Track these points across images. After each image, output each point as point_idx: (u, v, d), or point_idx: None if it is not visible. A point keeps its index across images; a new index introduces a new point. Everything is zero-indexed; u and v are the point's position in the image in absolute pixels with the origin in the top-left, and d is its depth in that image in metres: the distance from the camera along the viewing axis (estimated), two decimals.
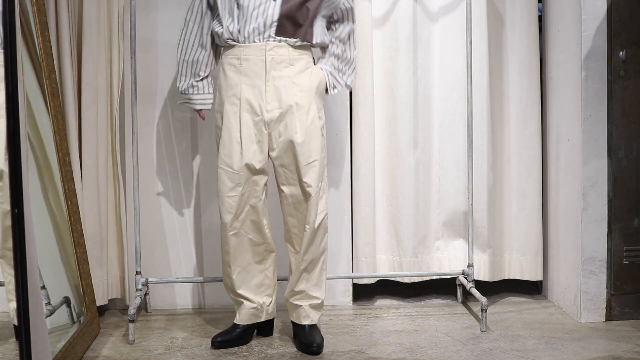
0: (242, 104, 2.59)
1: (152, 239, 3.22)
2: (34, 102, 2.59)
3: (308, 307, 2.72)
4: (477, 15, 3.21)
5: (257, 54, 2.57)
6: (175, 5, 3.16)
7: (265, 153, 2.62)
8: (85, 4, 2.92)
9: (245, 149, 2.59)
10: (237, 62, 2.60)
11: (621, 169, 2.96)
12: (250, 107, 2.59)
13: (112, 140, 3.04)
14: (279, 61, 2.58)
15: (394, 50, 3.25)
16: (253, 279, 2.73)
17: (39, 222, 2.51)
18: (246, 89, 2.59)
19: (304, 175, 2.60)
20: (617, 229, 2.97)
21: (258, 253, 2.72)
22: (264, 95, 2.57)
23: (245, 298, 2.73)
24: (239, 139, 2.60)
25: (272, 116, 2.58)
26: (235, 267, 2.69)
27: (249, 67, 2.58)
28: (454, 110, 3.29)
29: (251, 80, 2.58)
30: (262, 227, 2.69)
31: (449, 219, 3.35)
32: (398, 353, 2.66)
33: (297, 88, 2.59)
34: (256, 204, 2.66)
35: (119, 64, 3.01)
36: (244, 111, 2.59)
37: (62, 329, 2.61)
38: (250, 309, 2.74)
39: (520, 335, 2.85)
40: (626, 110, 2.94)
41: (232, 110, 2.61)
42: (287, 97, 2.57)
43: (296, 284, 2.70)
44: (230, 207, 2.63)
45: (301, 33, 2.58)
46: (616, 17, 2.91)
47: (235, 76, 2.60)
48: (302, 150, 2.58)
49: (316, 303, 2.73)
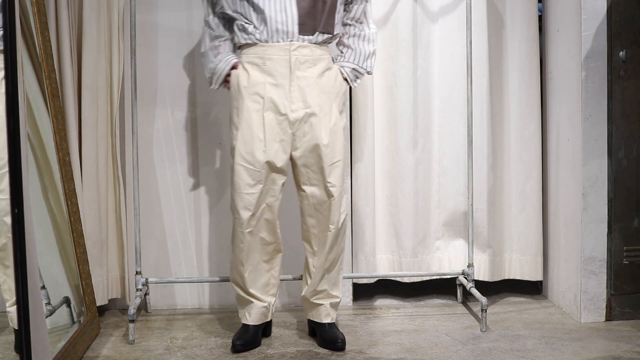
0: (266, 103, 2.59)
1: (152, 239, 3.22)
2: (34, 102, 2.59)
3: (329, 306, 2.75)
4: (477, 15, 3.21)
5: (281, 54, 2.57)
6: (175, 5, 3.16)
7: (287, 153, 2.62)
8: (85, 4, 2.92)
9: (268, 147, 2.59)
10: (259, 61, 2.59)
11: (621, 169, 2.96)
12: (275, 106, 2.58)
13: (112, 140, 3.04)
14: (303, 61, 2.58)
15: (394, 50, 3.25)
16: (261, 278, 2.73)
17: (39, 222, 2.52)
18: (270, 89, 2.58)
19: (329, 176, 2.62)
20: (617, 229, 2.97)
21: (267, 252, 2.72)
22: (288, 95, 2.58)
23: (256, 297, 2.73)
24: (262, 137, 2.59)
25: (297, 116, 2.58)
26: (247, 266, 2.69)
27: (273, 66, 2.58)
28: (454, 110, 3.29)
29: (275, 80, 2.58)
30: (275, 227, 2.70)
31: (449, 219, 3.34)
32: (398, 353, 2.66)
33: (320, 89, 2.60)
34: (272, 203, 2.66)
35: (119, 64, 3.01)
36: (268, 110, 2.59)
37: (62, 329, 2.61)
38: (261, 308, 2.73)
39: (520, 335, 2.85)
40: (626, 110, 2.94)
41: (254, 107, 2.60)
42: (311, 98, 2.59)
43: (319, 284, 2.72)
44: (249, 204, 2.62)
45: (320, 25, 2.59)
46: (616, 17, 2.91)
47: (258, 75, 2.60)
48: (327, 151, 2.60)
49: (336, 302, 2.77)
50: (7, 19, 1.66)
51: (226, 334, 2.89)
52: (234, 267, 2.74)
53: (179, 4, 3.17)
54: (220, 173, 3.24)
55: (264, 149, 2.59)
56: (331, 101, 2.63)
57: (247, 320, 2.74)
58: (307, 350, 2.69)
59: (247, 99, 2.61)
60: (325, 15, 2.60)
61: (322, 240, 2.69)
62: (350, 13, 2.73)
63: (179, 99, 3.21)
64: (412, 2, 3.24)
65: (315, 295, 2.74)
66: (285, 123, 2.59)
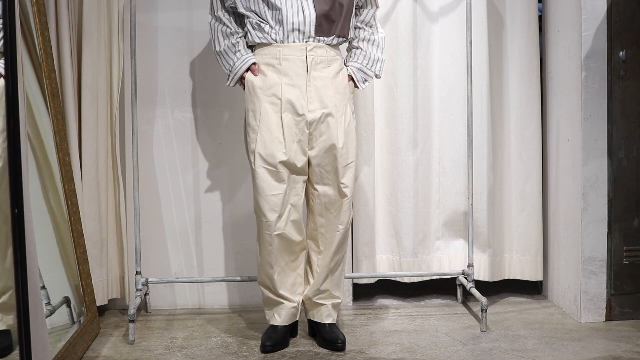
0: (283, 104, 2.58)
1: (152, 239, 3.22)
2: (34, 102, 2.59)
3: (330, 306, 2.75)
4: (477, 15, 3.21)
5: (298, 54, 2.57)
6: (175, 5, 3.16)
7: (305, 153, 2.62)
8: (85, 4, 2.92)
9: (288, 148, 2.59)
10: (275, 62, 2.59)
11: (621, 169, 2.96)
12: (292, 107, 2.58)
13: (112, 140, 3.04)
14: (319, 62, 2.59)
15: (394, 51, 3.25)
16: (289, 278, 2.72)
17: (39, 222, 2.51)
18: (287, 89, 2.58)
19: (342, 177, 2.64)
20: (617, 229, 2.97)
21: (294, 252, 2.71)
22: (305, 95, 2.58)
23: (286, 298, 2.72)
24: (282, 138, 2.59)
25: (314, 116, 2.58)
26: (277, 268, 2.68)
27: (289, 67, 2.58)
28: (454, 110, 3.29)
29: (292, 80, 2.58)
30: (302, 225, 2.69)
31: (449, 219, 3.34)
32: (398, 353, 2.66)
33: (335, 90, 2.61)
34: (297, 202, 2.65)
35: (119, 64, 3.01)
36: (286, 111, 2.58)
37: (62, 329, 2.61)
38: (291, 309, 2.72)
39: (520, 335, 2.85)
40: (626, 110, 2.94)
41: (272, 109, 2.60)
42: (327, 99, 2.59)
43: (322, 283, 2.71)
44: (275, 205, 2.61)
45: (337, 29, 2.61)
46: (616, 17, 2.91)
47: (274, 76, 2.59)
48: (342, 152, 2.62)
49: (337, 302, 2.77)
50: (7, 19, 1.66)
51: (226, 334, 2.89)
52: (262, 270, 2.70)
53: (179, 4, 3.17)
54: (220, 173, 3.24)
55: (284, 150, 2.59)
56: (345, 101, 2.66)
57: (276, 321, 2.72)
58: (307, 350, 2.69)
59: (264, 100, 2.60)
60: (342, 19, 2.61)
61: (329, 239, 2.69)
62: (361, 16, 2.75)
63: (179, 99, 3.21)
64: (412, 2, 3.24)
65: (317, 295, 2.74)
66: (303, 123, 2.59)
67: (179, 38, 3.18)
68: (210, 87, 3.20)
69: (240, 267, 3.24)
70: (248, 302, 3.26)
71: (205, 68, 3.19)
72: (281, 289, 2.70)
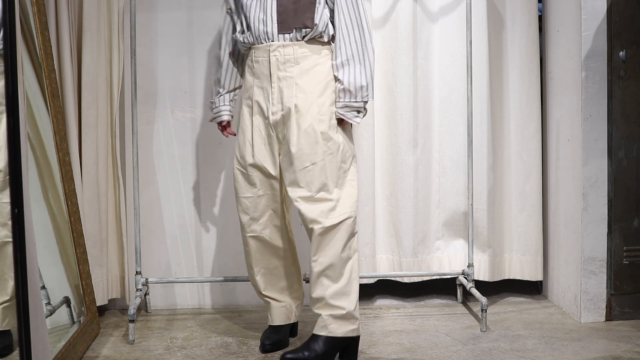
0: (254, 106, 2.58)
1: (152, 239, 3.22)
2: (34, 102, 2.59)
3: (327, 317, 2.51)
4: (477, 15, 3.21)
5: (264, 55, 2.54)
6: (175, 5, 3.16)
7: (275, 156, 2.57)
8: (85, 4, 2.92)
9: (257, 150, 2.57)
10: (251, 65, 2.59)
11: (621, 169, 2.96)
12: (260, 109, 2.57)
13: (112, 140, 3.04)
14: (284, 61, 2.52)
15: (394, 51, 3.25)
16: (279, 282, 2.70)
17: (39, 222, 2.52)
18: (257, 91, 2.57)
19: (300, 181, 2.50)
20: (617, 229, 2.97)
21: (281, 257, 2.69)
22: (270, 97, 2.55)
23: (272, 298, 2.71)
24: (251, 141, 2.58)
25: (275, 118, 2.53)
26: (258, 269, 2.67)
27: (259, 68, 2.56)
28: (454, 110, 3.29)
29: (261, 82, 2.57)
30: (287, 233, 2.67)
31: (449, 219, 3.35)
32: (398, 353, 2.66)
33: (298, 89, 2.51)
34: (277, 209, 2.63)
35: (119, 64, 3.01)
36: (256, 113, 2.58)
37: (62, 329, 2.61)
38: (280, 308, 2.71)
39: (520, 335, 2.85)
40: (626, 110, 2.94)
41: (247, 112, 2.61)
42: (287, 99, 2.51)
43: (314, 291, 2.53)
44: (245, 208, 2.62)
45: (300, 21, 2.50)
46: (616, 17, 2.91)
47: (250, 78, 2.60)
48: (298, 154, 2.48)
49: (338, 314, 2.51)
50: (7, 19, 1.66)
51: (226, 334, 2.89)
52: (247, 269, 2.73)
53: (179, 4, 3.17)
54: (220, 173, 3.24)
55: (252, 152, 2.58)
56: (311, 100, 2.49)
57: (270, 320, 2.73)
58: None
59: (243, 103, 2.63)
60: (301, 9, 2.50)
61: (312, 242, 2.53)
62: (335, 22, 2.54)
63: (179, 99, 3.21)
64: (412, 2, 3.24)
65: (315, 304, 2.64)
66: (269, 126, 2.56)
67: (179, 38, 3.18)
68: (210, 87, 3.20)
69: (240, 267, 3.24)
70: (248, 302, 3.26)
71: (205, 68, 3.20)
72: (266, 290, 2.70)
